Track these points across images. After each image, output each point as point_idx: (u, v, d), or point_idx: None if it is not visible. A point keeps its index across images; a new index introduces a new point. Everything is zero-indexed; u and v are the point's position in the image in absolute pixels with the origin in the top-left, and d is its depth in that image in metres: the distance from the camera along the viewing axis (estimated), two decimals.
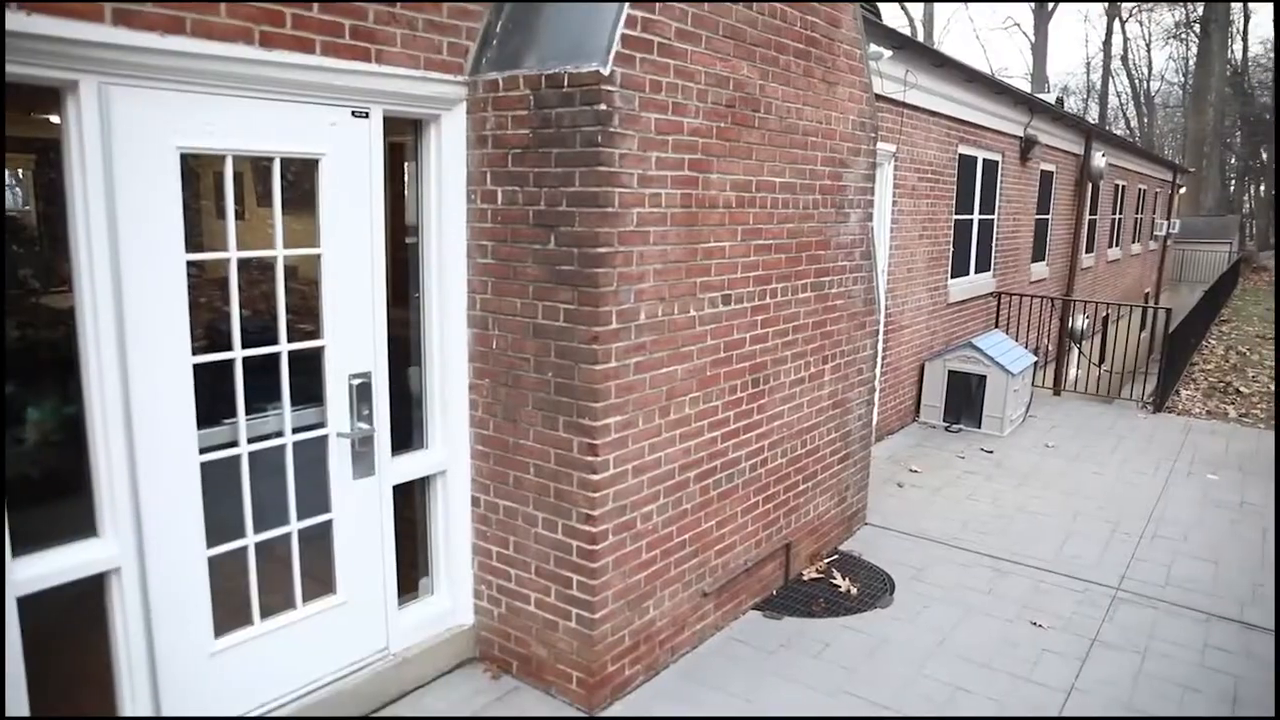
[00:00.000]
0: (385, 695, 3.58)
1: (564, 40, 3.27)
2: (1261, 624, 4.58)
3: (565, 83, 3.21)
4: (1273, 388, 15.47)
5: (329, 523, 3.36)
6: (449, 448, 3.75)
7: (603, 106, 3.14)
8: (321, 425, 3.30)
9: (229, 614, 3.11)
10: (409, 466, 3.65)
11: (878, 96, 6.24)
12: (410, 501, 3.79)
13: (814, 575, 4.87)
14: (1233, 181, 51.55)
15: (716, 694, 3.78)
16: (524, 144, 3.37)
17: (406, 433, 3.70)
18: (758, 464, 4.31)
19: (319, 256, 3.19)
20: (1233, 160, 49.89)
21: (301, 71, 2.93)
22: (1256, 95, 49.14)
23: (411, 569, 3.86)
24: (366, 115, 3.22)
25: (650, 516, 3.67)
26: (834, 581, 4.80)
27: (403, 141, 3.56)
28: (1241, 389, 15.50)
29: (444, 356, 3.68)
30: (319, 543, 3.36)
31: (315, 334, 3.24)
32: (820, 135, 4.42)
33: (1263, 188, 54.59)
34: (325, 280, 3.21)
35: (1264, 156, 51.54)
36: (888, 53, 6.30)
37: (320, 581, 3.40)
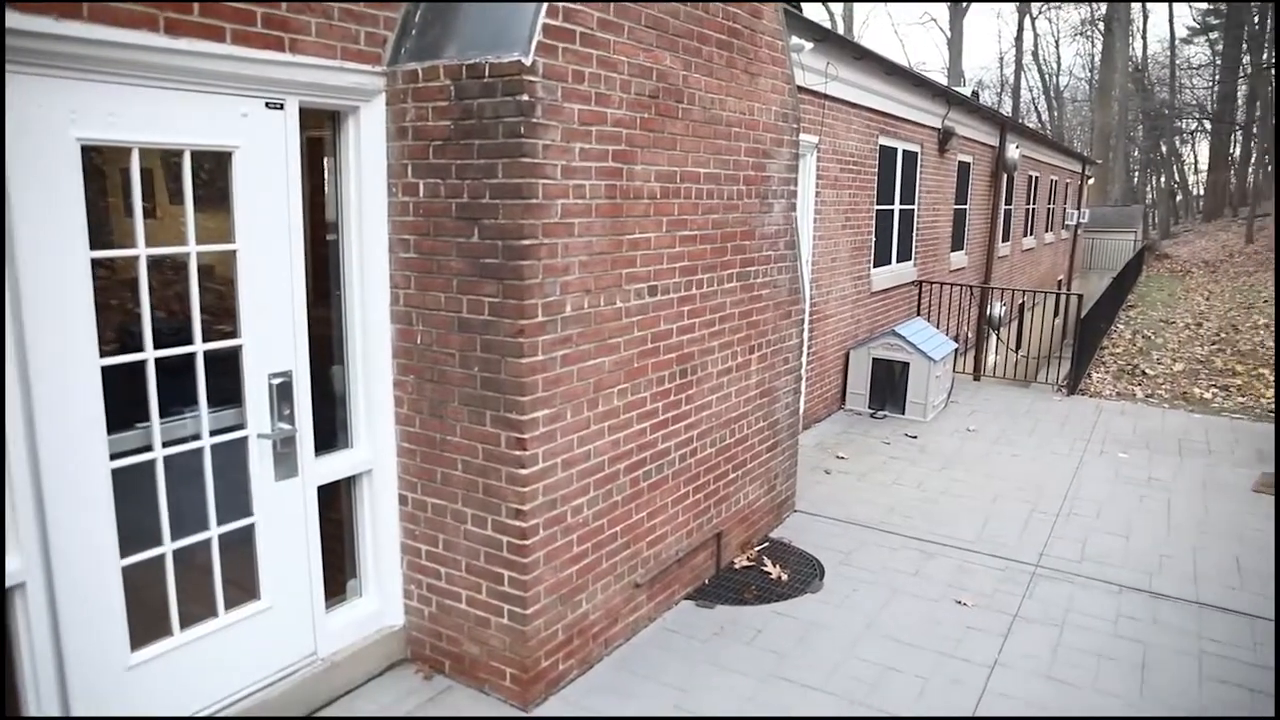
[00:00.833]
0: (314, 701, 3.50)
1: (485, 30, 3.23)
2: (1168, 592, 4.78)
3: (486, 73, 3.17)
4: (1175, 368, 16.17)
5: (251, 527, 3.27)
6: (374, 446, 3.68)
7: (525, 97, 3.11)
8: (241, 426, 3.20)
9: (147, 625, 3.00)
10: (333, 466, 3.57)
11: (800, 88, 6.31)
12: (336, 502, 3.71)
13: (745, 563, 4.93)
14: (1136, 173, 53.72)
15: (651, 684, 3.80)
16: (445, 135, 3.31)
17: (330, 432, 3.62)
18: (687, 454, 4.33)
19: (235, 253, 3.09)
20: (1135, 153, 51.95)
21: (211, 60, 2.82)
22: (1155, 91, 51.26)
23: (339, 571, 3.78)
24: (281, 106, 3.12)
25: (581, 510, 3.66)
26: (765, 569, 4.85)
27: (321, 135, 3.47)
28: (1147, 371, 16.17)
29: (367, 353, 3.61)
30: (241, 548, 3.27)
31: (233, 333, 3.14)
32: (744, 126, 4.45)
33: (1163, 179, 56.98)
34: (242, 278, 3.11)
35: (1163, 149, 53.81)
36: (809, 45, 6.37)
37: (243, 587, 3.31)
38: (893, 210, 9.22)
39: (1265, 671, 4.04)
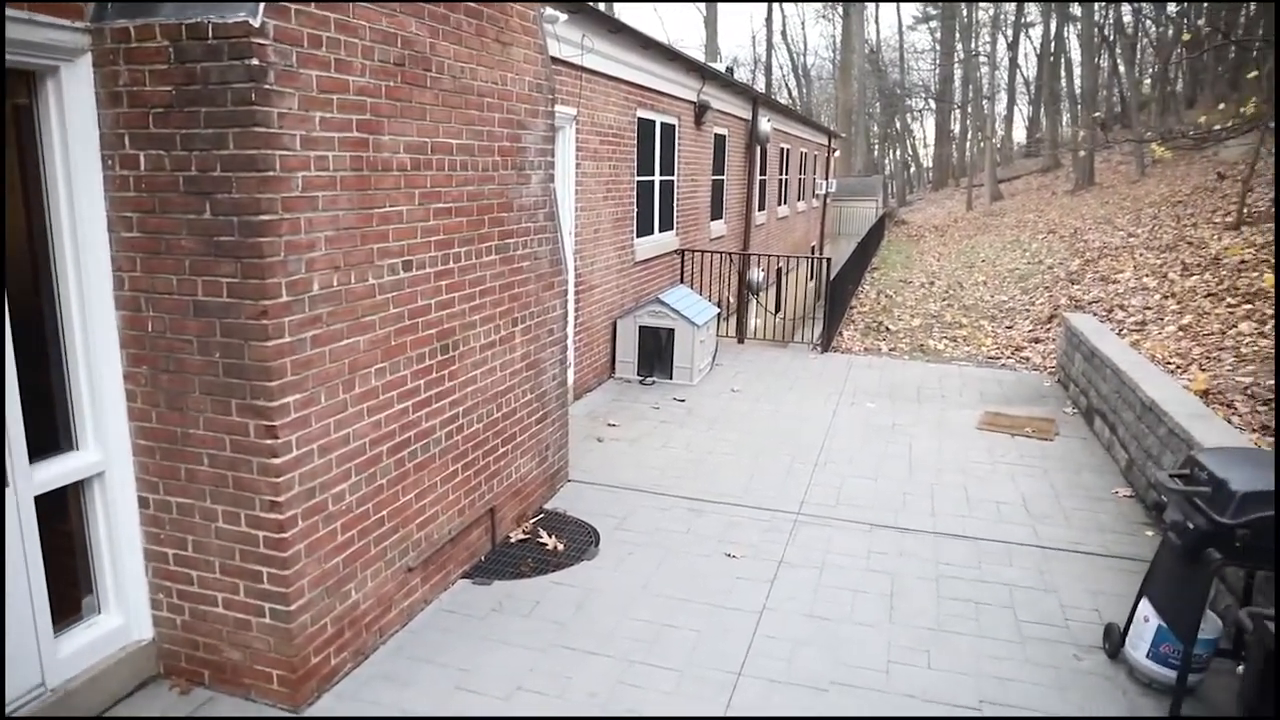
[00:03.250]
0: None
1: None
2: (911, 526, 5.27)
3: (210, 34, 2.92)
4: (914, 324, 17.75)
5: None
6: (105, 446, 3.34)
7: (255, 61, 2.90)
8: None
9: None
10: (55, 471, 3.20)
11: (555, 60, 6.31)
12: (63, 511, 3.34)
13: (521, 536, 4.93)
14: (876, 146, 58.29)
15: (429, 668, 3.73)
16: (167, 102, 3.03)
17: (50, 434, 3.24)
18: (454, 431, 4.25)
19: None
20: (875, 128, 56.35)
21: None
22: (889, 72, 55.71)
23: (72, 587, 3.41)
24: None
25: (343, 496, 3.51)
26: (541, 540, 4.88)
27: (26, 103, 3.06)
28: (890, 327, 17.65)
29: (90, 344, 3.26)
30: None
31: None
32: (497, 96, 4.39)
33: (898, 152, 62.11)
34: None
35: (897, 125, 58.59)
36: (563, 16, 6.37)
37: None
38: (653, 181, 9.45)
39: (987, 586, 4.55)
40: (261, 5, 2.88)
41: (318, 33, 3.15)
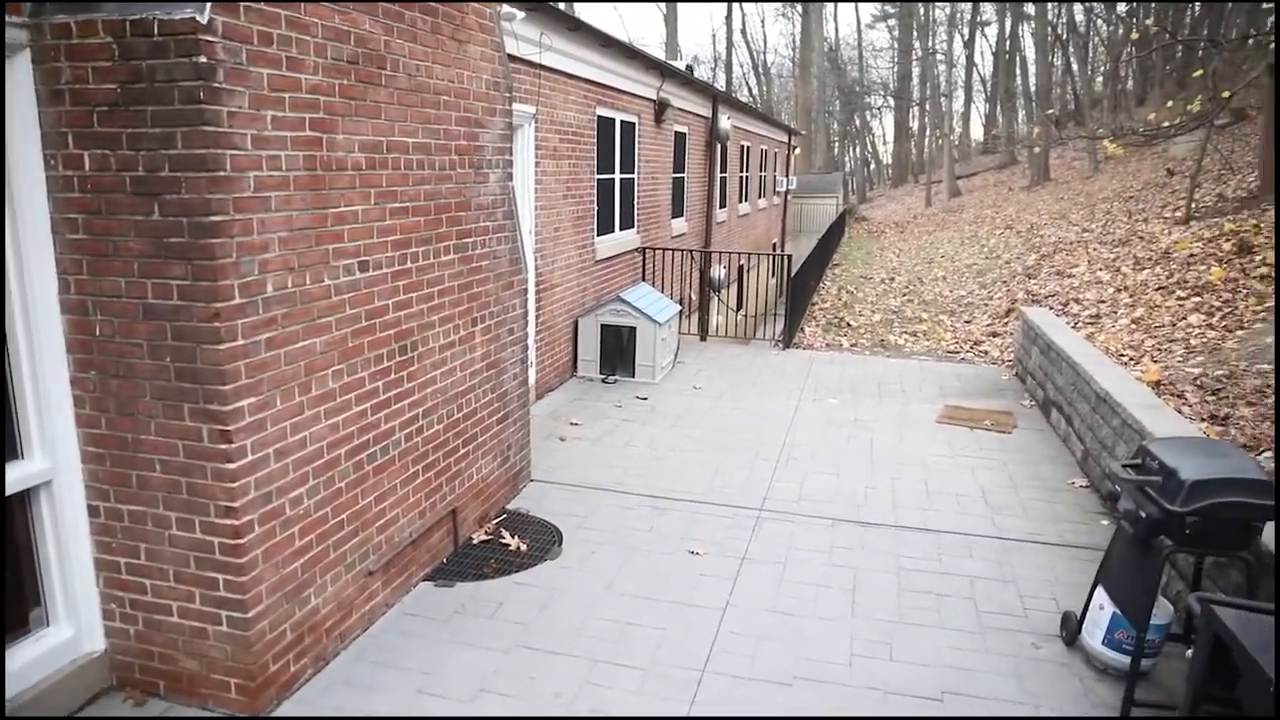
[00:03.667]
0: None
1: None
2: (873, 520, 5.31)
3: (155, 30, 2.86)
4: (874, 319, 17.92)
5: None
6: (53, 454, 3.25)
7: (203, 59, 2.84)
8: None
9: None
10: None
11: (513, 58, 6.27)
12: (9, 522, 3.25)
13: (484, 537, 4.90)
14: (836, 143, 58.76)
15: (391, 673, 3.69)
16: (112, 100, 2.96)
17: None
18: (414, 433, 4.21)
19: None
20: (834, 125, 56.80)
21: None
22: (848, 70, 56.18)
23: (19, 600, 3.32)
24: None
25: (300, 500, 3.45)
26: (504, 541, 4.85)
27: None
28: (851, 323, 17.82)
29: (34, 350, 3.17)
30: None
31: None
32: (453, 95, 4.35)
33: (858, 149, 62.61)
34: None
35: (857, 123, 59.09)
36: (520, 14, 6.33)
37: None
38: (613, 179, 9.44)
39: (948, 578, 4.60)
40: (209, 3, 2.83)
41: (268, 30, 3.10)
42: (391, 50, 3.83)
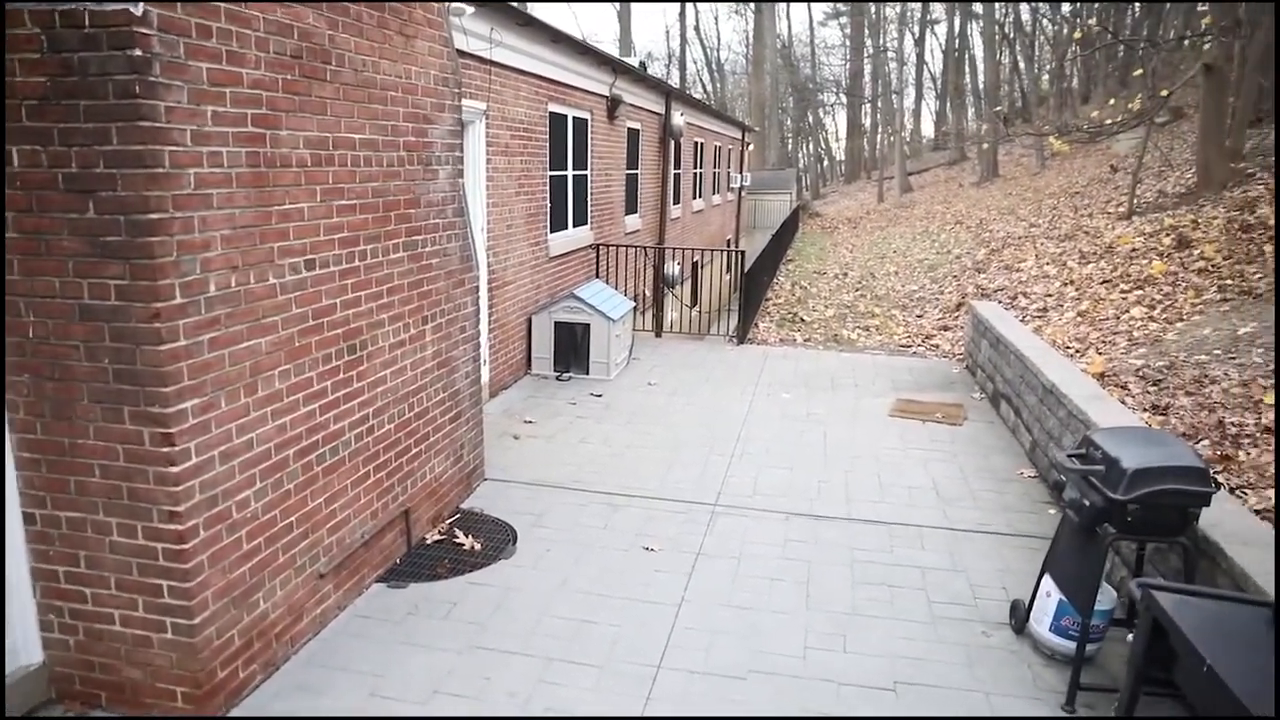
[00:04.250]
0: None
1: None
2: (826, 514, 5.36)
3: (87, 22, 2.78)
4: (828, 314, 18.09)
5: None
6: None
7: (138, 52, 2.77)
8: None
9: None
10: None
11: (463, 54, 6.22)
12: None
13: (438, 537, 4.85)
14: (789, 140, 59.22)
15: (344, 676, 3.64)
16: (41, 94, 2.87)
17: None
18: (364, 433, 4.16)
19: None
20: (788, 122, 57.24)
21: None
22: (801, 67, 56.63)
23: None
24: None
25: (247, 504, 3.39)
26: (457, 540, 4.81)
27: None
28: (805, 318, 17.96)
29: None
30: None
31: None
32: (401, 90, 4.29)
33: (811, 145, 63.17)
34: None
35: (810, 119, 59.61)
36: (470, 9, 6.28)
37: None
38: (566, 176, 9.40)
39: (900, 569, 4.66)
40: None
41: (207, 23, 3.03)
42: (337, 45, 3.77)
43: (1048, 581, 3.87)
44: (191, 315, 3.04)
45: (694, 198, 17.81)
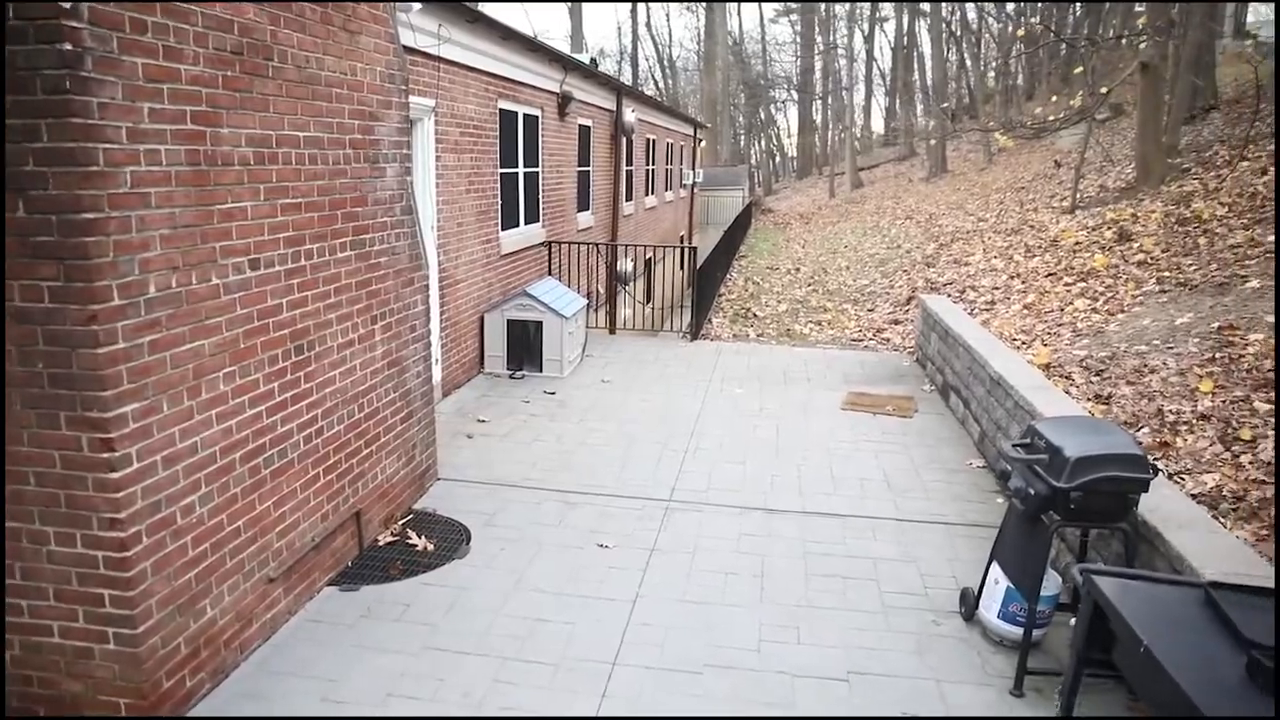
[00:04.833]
0: None
1: None
2: (780, 507, 5.40)
3: (11, 14, 2.70)
4: (780, 309, 18.23)
5: None
6: None
7: (69, 47, 2.70)
8: None
9: None
10: None
11: (410, 50, 6.15)
12: None
13: (390, 539, 4.80)
14: (741, 136, 59.52)
15: (295, 681, 3.59)
16: None
17: None
18: (313, 435, 4.09)
19: None
20: (740, 118, 57.51)
21: None
22: (752, 64, 56.96)
23: None
24: None
25: (192, 509, 3.32)
26: (410, 541, 4.76)
27: None
28: (757, 313, 18.08)
29: None
30: None
31: None
32: (346, 87, 4.23)
33: (763, 141, 63.56)
34: None
35: (761, 116, 59.98)
36: (417, 5, 6.21)
37: None
38: (517, 173, 9.35)
39: (853, 561, 4.72)
40: None
41: (142, 17, 2.96)
42: (279, 41, 3.70)
43: (995, 569, 3.94)
44: (130, 317, 2.97)
45: (647, 194, 17.82)
